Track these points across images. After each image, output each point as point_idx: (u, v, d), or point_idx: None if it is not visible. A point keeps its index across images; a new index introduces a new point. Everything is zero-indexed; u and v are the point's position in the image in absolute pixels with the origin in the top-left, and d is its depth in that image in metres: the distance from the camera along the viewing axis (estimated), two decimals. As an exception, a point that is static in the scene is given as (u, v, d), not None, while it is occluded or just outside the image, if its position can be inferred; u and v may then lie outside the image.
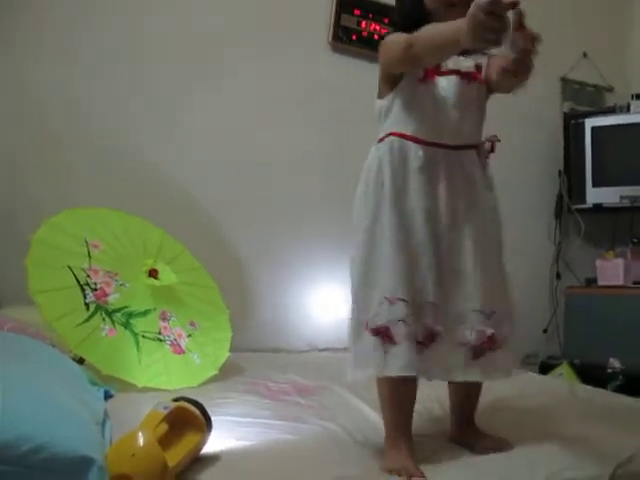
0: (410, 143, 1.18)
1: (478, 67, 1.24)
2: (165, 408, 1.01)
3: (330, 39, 2.72)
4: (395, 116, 1.21)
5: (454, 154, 1.20)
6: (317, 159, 2.67)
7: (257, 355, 2.26)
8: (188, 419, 1.05)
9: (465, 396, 1.32)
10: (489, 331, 1.17)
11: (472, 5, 0.92)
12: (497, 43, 0.96)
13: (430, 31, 1.07)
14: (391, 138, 1.19)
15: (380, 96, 1.25)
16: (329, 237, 2.58)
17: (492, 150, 1.28)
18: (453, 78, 1.21)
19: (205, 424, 1.07)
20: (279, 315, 2.55)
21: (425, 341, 1.14)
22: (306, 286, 2.60)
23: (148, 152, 2.40)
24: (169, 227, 2.03)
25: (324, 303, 2.57)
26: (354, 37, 2.75)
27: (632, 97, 3.11)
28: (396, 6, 1.33)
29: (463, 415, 1.32)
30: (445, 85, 1.20)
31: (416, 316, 1.12)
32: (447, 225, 1.18)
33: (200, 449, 1.08)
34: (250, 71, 2.59)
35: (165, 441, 0.97)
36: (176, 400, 1.08)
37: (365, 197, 1.21)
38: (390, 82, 1.22)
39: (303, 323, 2.58)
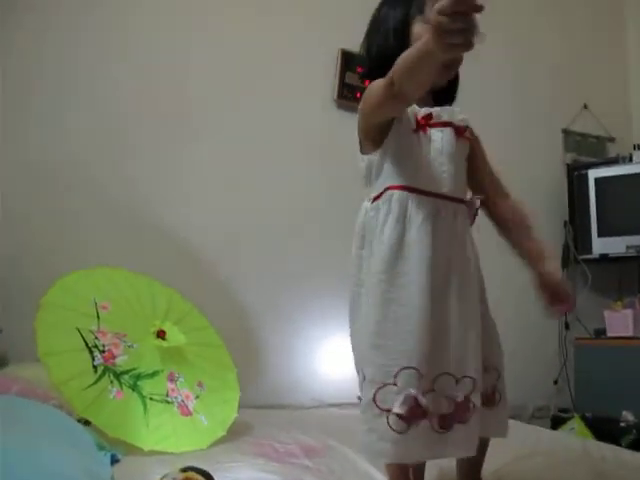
0: (412, 195, 1.13)
1: (466, 125, 1.24)
2: (173, 479, 1.01)
3: (335, 97, 2.79)
4: (389, 170, 1.17)
5: (451, 206, 1.17)
6: (323, 213, 2.70)
7: (264, 412, 2.25)
8: (196, 490, 1.05)
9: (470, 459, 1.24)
10: (459, 397, 1.11)
11: (432, 10, 0.86)
12: (467, 47, 0.87)
13: (403, 57, 1.00)
14: (390, 192, 1.15)
15: (364, 152, 1.21)
16: (335, 292, 2.59)
17: (477, 213, 1.26)
18: (447, 130, 1.20)
19: (212, 495, 1.07)
20: (285, 370, 2.55)
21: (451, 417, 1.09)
22: (312, 341, 2.60)
23: (155, 206, 2.44)
24: (177, 283, 2.05)
25: (330, 358, 2.56)
26: (358, 95, 2.81)
27: (634, 147, 3.16)
28: (369, 48, 1.28)
29: (470, 472, 1.28)
30: (438, 137, 1.18)
31: (434, 389, 1.08)
32: (444, 280, 1.13)
33: (208, 520, 1.07)
34: (257, 124, 2.65)
35: (172, 514, 0.97)
36: (184, 470, 1.08)
37: (369, 255, 1.16)
38: (377, 135, 1.17)
39: (309, 378, 2.56)
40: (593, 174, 3.10)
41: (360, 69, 2.81)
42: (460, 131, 1.22)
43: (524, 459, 1.68)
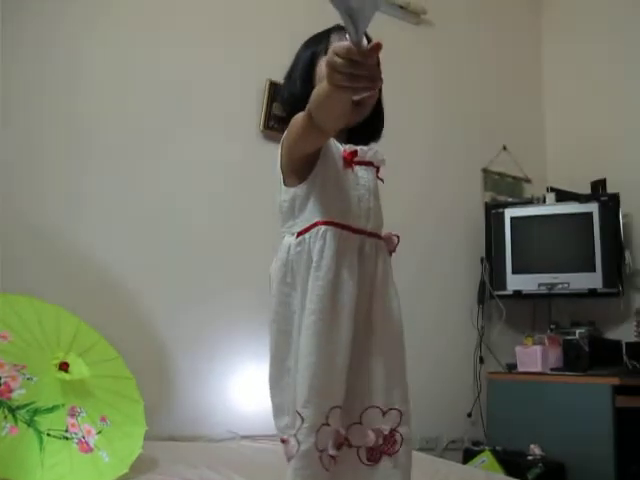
0: (341, 231, 1.13)
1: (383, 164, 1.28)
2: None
3: (261, 127, 2.80)
4: (316, 204, 1.15)
5: (374, 242, 1.20)
6: (245, 245, 2.68)
7: (173, 445, 2.19)
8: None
9: None
10: (385, 429, 1.13)
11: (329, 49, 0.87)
12: (358, 91, 0.88)
13: (315, 92, 1.01)
14: (319, 227, 1.13)
15: (288, 185, 1.20)
16: (251, 325, 2.58)
17: (394, 249, 1.28)
18: (370, 169, 1.24)
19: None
20: (200, 402, 2.49)
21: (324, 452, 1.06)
22: (227, 373, 2.56)
23: (66, 231, 2.35)
24: (87, 311, 1.98)
25: (246, 389, 2.53)
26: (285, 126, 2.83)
27: (547, 190, 3.32)
28: (284, 92, 1.32)
29: None
30: (364, 174, 1.22)
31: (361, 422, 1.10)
32: (366, 315, 1.15)
33: None
34: (179, 153, 2.62)
35: None
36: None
37: (298, 292, 1.13)
38: (301, 168, 1.17)
39: (224, 409, 2.52)
40: (509, 213, 3.23)
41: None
42: (377, 170, 1.26)
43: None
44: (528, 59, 3.92)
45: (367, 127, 1.27)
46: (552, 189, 3.30)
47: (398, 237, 1.27)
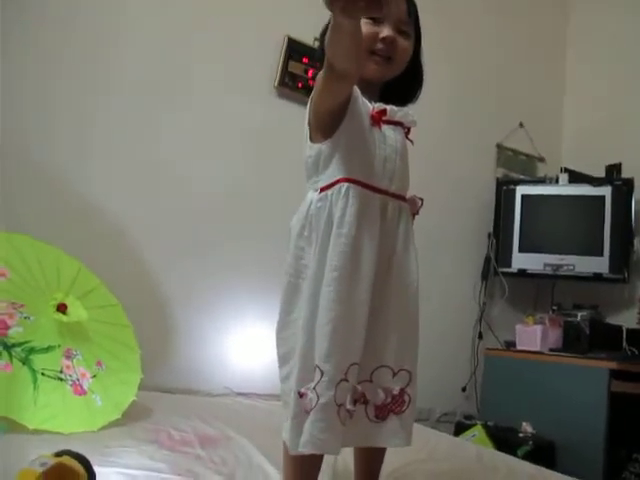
0: (364, 190, 1.12)
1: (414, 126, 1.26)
2: (42, 465, 0.95)
3: (276, 84, 2.74)
4: (340, 161, 1.13)
5: (397, 204, 1.18)
6: (251, 202, 2.66)
7: (169, 397, 2.20)
8: (69, 476, 1.00)
9: (371, 458, 1.29)
10: (395, 389, 1.14)
11: None
12: (362, 11, 0.86)
13: (327, 34, 1.01)
14: (342, 184, 1.11)
15: (314, 141, 1.17)
16: (253, 281, 2.57)
17: (418, 212, 1.26)
18: (398, 129, 1.21)
19: (87, 481, 1.02)
20: (197, 356, 2.49)
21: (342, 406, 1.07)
22: (226, 329, 2.56)
23: (75, 178, 2.33)
24: (90, 258, 1.97)
25: (244, 347, 2.54)
26: (300, 85, 2.78)
27: (561, 170, 3.27)
28: (320, 51, 1.23)
29: (367, 469, 1.29)
30: (391, 134, 1.19)
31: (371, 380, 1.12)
32: (385, 277, 1.15)
33: (80, 507, 1.02)
34: (190, 101, 2.58)
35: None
36: (58, 454, 1.02)
37: (316, 246, 1.11)
38: (328, 125, 1.14)
39: (222, 366, 2.52)
40: (520, 191, 3.19)
41: (306, 59, 2.79)
42: (407, 131, 1.24)
43: (422, 462, 1.71)
44: (552, 39, 3.82)
45: (402, 87, 1.26)
46: (566, 170, 3.25)
47: (422, 200, 1.25)
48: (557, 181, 3.22)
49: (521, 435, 2.63)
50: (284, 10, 2.76)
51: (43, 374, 1.53)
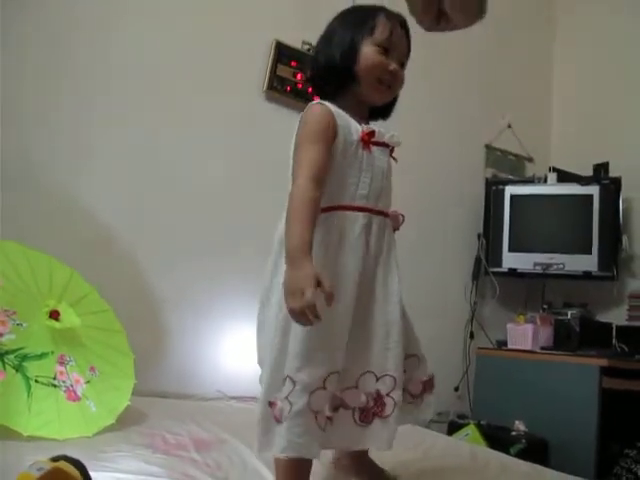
0: (349, 213, 1.19)
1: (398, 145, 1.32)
2: (39, 470, 0.96)
3: (265, 88, 2.75)
4: (329, 183, 1.18)
5: (382, 220, 1.24)
6: (243, 205, 2.66)
7: (162, 401, 2.20)
8: (65, 480, 1.00)
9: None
10: (379, 392, 1.18)
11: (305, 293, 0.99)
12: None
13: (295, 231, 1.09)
14: (327, 213, 1.18)
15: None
16: (246, 285, 2.56)
17: (399, 227, 1.33)
18: (385, 150, 1.27)
19: (83, 485, 1.03)
20: (191, 360, 2.50)
21: (319, 412, 1.11)
22: (219, 333, 2.56)
23: (66, 182, 2.33)
24: (82, 264, 1.97)
25: (237, 350, 2.54)
26: (289, 88, 2.79)
27: (549, 169, 3.29)
28: (317, 61, 1.31)
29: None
30: (379, 155, 1.25)
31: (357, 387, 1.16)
32: (366, 288, 1.20)
33: (76, 511, 1.02)
34: (177, 105, 2.58)
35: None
36: (55, 459, 1.03)
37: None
38: None
39: (214, 369, 2.52)
40: (509, 191, 3.21)
41: (294, 63, 2.80)
42: (391, 151, 1.30)
43: (416, 461, 1.72)
44: (538, 40, 3.85)
45: (386, 106, 1.35)
46: (554, 169, 3.28)
47: (403, 216, 1.32)
48: (545, 181, 3.25)
49: (514, 433, 2.65)
50: (272, 14, 2.77)
51: (37, 381, 1.53)
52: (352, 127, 1.22)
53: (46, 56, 2.34)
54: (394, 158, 1.31)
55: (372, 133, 1.23)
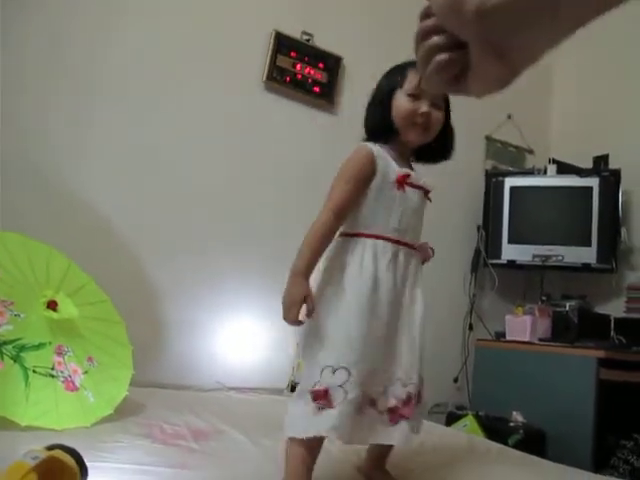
0: (381, 242, 1.34)
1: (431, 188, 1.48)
2: (34, 458, 0.96)
3: (264, 78, 2.74)
4: (361, 216, 1.36)
5: (409, 251, 1.40)
6: (241, 196, 2.67)
7: (161, 392, 2.20)
8: (61, 469, 1.00)
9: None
10: (403, 397, 1.32)
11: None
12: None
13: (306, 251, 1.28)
14: (361, 238, 1.35)
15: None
16: (245, 277, 2.58)
17: (428, 259, 1.49)
18: (418, 192, 1.42)
19: (79, 474, 1.03)
20: (190, 351, 2.50)
21: (361, 406, 1.26)
22: (218, 323, 2.57)
23: (65, 173, 2.33)
24: (80, 255, 1.96)
25: (237, 342, 2.55)
26: (288, 79, 2.78)
27: (549, 161, 3.28)
28: (367, 116, 1.47)
29: (379, 454, 1.47)
30: (412, 196, 1.40)
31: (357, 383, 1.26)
32: (396, 307, 1.35)
33: (73, 500, 1.03)
34: (178, 95, 2.58)
35: (32, 493, 0.92)
36: (51, 448, 1.03)
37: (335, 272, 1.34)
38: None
39: (213, 360, 2.53)
40: (509, 182, 3.21)
41: (294, 54, 2.79)
42: (426, 193, 1.46)
43: (410, 453, 1.73)
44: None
45: (435, 147, 1.47)
46: (554, 161, 3.27)
47: (433, 249, 1.50)
48: (545, 172, 3.24)
49: (512, 424, 2.65)
50: (272, 4, 2.76)
51: (34, 371, 1.54)
52: (391, 168, 1.37)
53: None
54: (429, 199, 1.47)
55: (407, 176, 1.38)
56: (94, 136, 2.41)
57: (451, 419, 2.85)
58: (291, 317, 1.22)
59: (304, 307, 1.23)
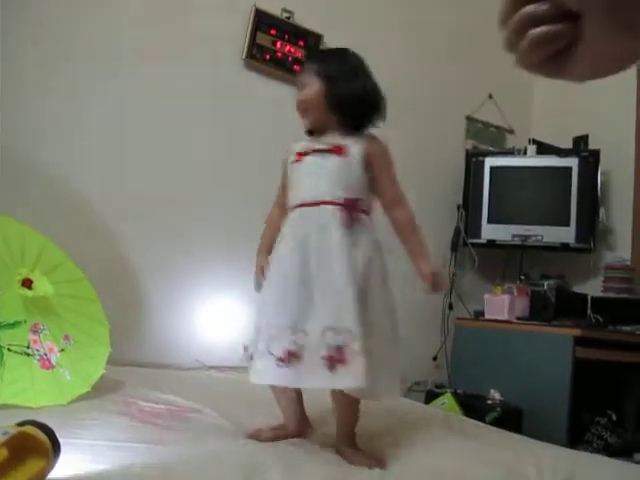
0: (297, 208, 1.51)
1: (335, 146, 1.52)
2: (4, 434, 0.95)
3: (244, 56, 2.71)
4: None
5: (315, 209, 1.48)
6: (220, 174, 2.65)
7: (140, 371, 2.20)
8: (32, 445, 1.00)
9: (337, 409, 1.50)
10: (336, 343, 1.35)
11: None
12: None
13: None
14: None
15: None
16: (222, 253, 2.57)
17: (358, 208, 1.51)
18: (325, 154, 1.50)
19: (51, 449, 1.02)
20: (169, 330, 2.50)
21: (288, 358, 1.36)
22: (198, 302, 2.56)
23: (40, 151, 2.30)
24: (57, 232, 1.94)
25: (215, 320, 2.54)
26: (267, 57, 2.76)
27: (529, 141, 3.30)
28: (347, 90, 1.51)
29: (339, 430, 1.50)
30: (316, 160, 1.51)
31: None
32: (309, 262, 1.43)
33: (45, 475, 1.02)
34: (157, 74, 2.55)
35: (3, 469, 0.92)
36: (22, 424, 1.03)
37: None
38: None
39: (191, 339, 2.53)
40: (489, 162, 3.22)
41: (274, 31, 2.75)
42: (334, 150, 1.50)
43: (392, 427, 1.75)
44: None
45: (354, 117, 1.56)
46: (534, 141, 3.28)
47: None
48: (525, 152, 3.25)
49: (489, 402, 2.69)
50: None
51: (9, 350, 1.53)
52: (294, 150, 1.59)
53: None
54: (344, 154, 1.50)
55: (301, 153, 1.56)
56: (73, 115, 2.38)
57: (430, 397, 2.88)
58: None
59: None
